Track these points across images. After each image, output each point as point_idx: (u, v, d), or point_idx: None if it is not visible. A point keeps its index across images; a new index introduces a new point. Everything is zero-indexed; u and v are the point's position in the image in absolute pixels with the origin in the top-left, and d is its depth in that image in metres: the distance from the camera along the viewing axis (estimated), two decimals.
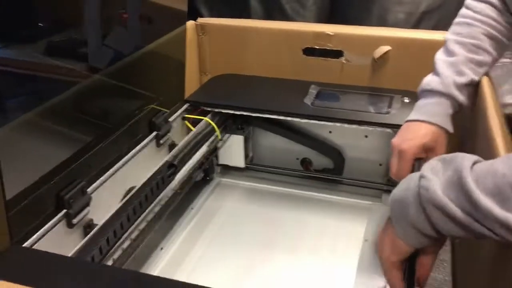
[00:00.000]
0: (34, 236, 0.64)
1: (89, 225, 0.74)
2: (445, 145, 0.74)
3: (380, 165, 1.03)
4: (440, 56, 0.79)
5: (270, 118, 1.02)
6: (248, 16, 1.80)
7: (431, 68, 1.05)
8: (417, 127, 0.74)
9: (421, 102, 0.77)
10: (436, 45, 1.05)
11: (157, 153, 0.93)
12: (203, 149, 0.95)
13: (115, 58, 0.75)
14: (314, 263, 0.85)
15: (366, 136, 1.02)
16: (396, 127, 0.90)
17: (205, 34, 1.16)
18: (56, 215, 0.68)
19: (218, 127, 0.99)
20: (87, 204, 0.72)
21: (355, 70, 1.09)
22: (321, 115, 0.96)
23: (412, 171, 0.71)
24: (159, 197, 0.80)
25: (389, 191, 0.99)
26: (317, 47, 1.09)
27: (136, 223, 0.74)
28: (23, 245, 0.62)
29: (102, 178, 0.76)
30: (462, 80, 0.74)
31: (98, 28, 0.67)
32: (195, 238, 0.90)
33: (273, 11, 1.88)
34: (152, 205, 0.78)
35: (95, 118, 0.78)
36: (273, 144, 1.08)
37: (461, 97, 0.74)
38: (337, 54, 1.09)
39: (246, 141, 1.05)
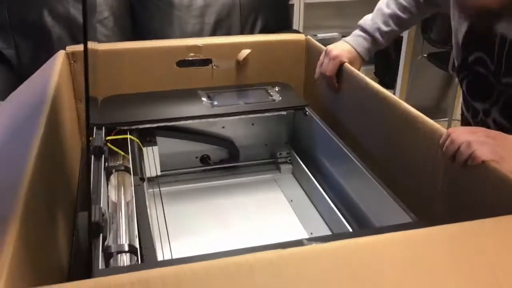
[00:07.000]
0: None
1: None
2: (359, 66, 1.11)
3: (266, 145, 1.26)
4: (381, 5, 1.13)
5: (169, 126, 1.14)
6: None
7: (284, 63, 1.35)
8: (347, 46, 1.11)
9: (357, 32, 1.13)
10: (279, 44, 1.35)
11: None
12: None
13: None
14: (267, 224, 1.04)
15: (252, 124, 1.23)
16: (283, 109, 1.16)
17: (76, 62, 1.18)
18: None
19: None
20: None
21: (223, 73, 1.29)
22: (220, 113, 1.13)
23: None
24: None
25: (275, 163, 1.24)
26: (190, 59, 1.25)
27: None
28: None
29: None
30: (385, 29, 1.11)
31: None
32: None
33: (77, 35, 1.88)
34: None
35: None
36: (174, 149, 1.20)
37: (381, 40, 1.12)
38: (206, 62, 1.27)
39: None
